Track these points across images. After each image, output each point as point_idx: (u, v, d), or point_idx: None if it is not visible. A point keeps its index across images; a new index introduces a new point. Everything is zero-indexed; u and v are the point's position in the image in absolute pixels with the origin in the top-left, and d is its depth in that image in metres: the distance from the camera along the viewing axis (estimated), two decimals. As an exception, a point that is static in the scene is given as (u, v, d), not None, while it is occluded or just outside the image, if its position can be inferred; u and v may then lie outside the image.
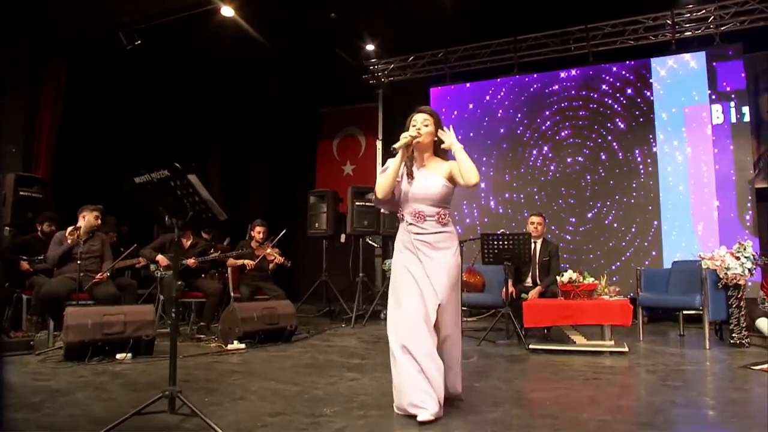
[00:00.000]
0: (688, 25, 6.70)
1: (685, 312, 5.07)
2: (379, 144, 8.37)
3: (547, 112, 7.16)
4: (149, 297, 7.01)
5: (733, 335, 4.42)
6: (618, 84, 6.80)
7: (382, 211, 7.01)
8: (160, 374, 3.49)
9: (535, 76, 7.26)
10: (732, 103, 6.33)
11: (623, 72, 6.81)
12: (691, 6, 6.55)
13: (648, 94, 6.67)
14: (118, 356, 4.00)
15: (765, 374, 3.44)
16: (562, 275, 4.58)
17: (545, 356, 4.22)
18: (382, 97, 8.49)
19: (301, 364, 3.94)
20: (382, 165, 8.89)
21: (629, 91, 6.74)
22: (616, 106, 6.78)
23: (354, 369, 3.74)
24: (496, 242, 4.98)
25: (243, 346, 4.64)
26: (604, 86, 6.85)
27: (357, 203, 7.11)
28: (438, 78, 7.97)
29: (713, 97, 6.36)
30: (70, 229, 4.99)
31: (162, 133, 8.35)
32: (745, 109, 6.33)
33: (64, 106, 7.10)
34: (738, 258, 4.32)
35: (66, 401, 2.78)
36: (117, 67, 7.26)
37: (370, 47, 8.02)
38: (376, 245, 7.80)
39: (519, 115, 7.33)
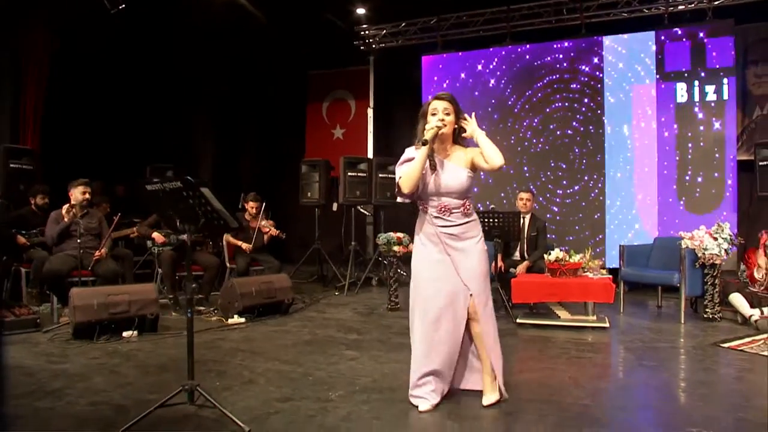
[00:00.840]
0: (681, -1, 6.70)
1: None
2: (370, 112, 8.36)
3: (539, 84, 7.20)
4: (144, 264, 7.15)
5: (707, 310, 4.71)
6: (610, 57, 6.84)
7: (374, 182, 7.14)
8: (170, 355, 3.68)
9: (527, 46, 7.25)
10: (724, 80, 6.41)
11: (615, 45, 6.83)
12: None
13: (638, 68, 6.73)
14: (124, 334, 4.17)
15: (732, 352, 3.73)
16: (550, 254, 4.79)
17: (532, 330, 4.48)
18: (373, 63, 8.41)
19: (302, 341, 4.14)
20: (374, 133, 8.78)
21: (620, 65, 6.79)
22: (606, 79, 6.84)
23: (352, 346, 3.96)
24: (487, 219, 5.15)
25: (243, 320, 4.83)
26: (595, 59, 6.88)
27: (349, 173, 7.21)
28: (430, 46, 7.91)
29: (702, 74, 6.44)
30: (66, 207, 5.05)
31: (149, 99, 8.26)
32: (733, 84, 6.43)
33: (50, 75, 6.98)
34: (716, 239, 4.55)
35: (85, 387, 2.95)
36: (102, 33, 7.10)
37: (361, 11, 7.89)
38: (367, 213, 7.95)
39: (510, 86, 7.36)
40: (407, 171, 2.63)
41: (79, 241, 4.79)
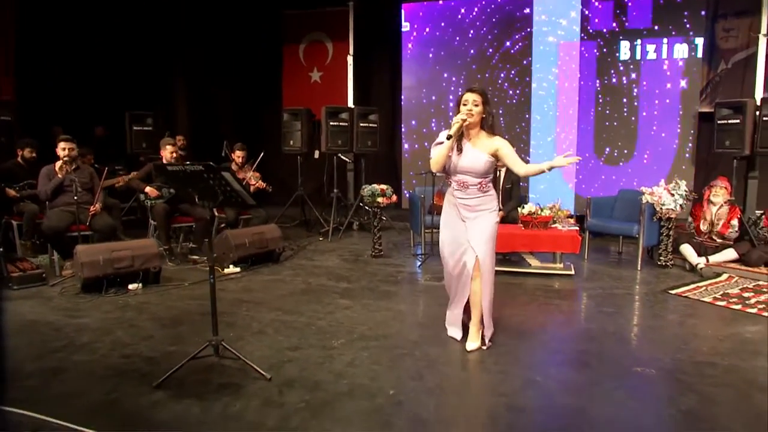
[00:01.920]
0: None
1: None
2: (350, 59, 8.36)
3: (517, 36, 7.34)
4: (130, 210, 7.34)
5: (661, 258, 5.25)
6: (586, 12, 6.99)
7: (355, 130, 7.32)
8: (179, 307, 4.00)
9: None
10: (693, 38, 6.68)
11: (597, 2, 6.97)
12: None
13: (614, 25, 6.93)
14: (130, 287, 4.46)
15: (678, 299, 4.27)
16: (524, 207, 5.20)
17: (505, 277, 4.94)
18: (353, 9, 8.32)
19: (298, 290, 4.51)
20: (353, 77, 8.71)
21: (596, 20, 6.97)
22: (582, 34, 7.03)
23: (345, 295, 4.35)
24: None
25: (238, 269, 5.17)
26: (573, 13, 7.03)
27: (331, 123, 7.36)
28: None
29: (674, 32, 6.69)
30: (59, 164, 5.15)
31: (123, 44, 8.08)
32: (699, 41, 6.71)
33: (22, 23, 6.76)
34: (673, 195, 5.01)
35: (112, 341, 3.27)
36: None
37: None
38: (348, 161, 8.16)
39: (489, 37, 7.49)
40: (435, 155, 3.13)
41: (75, 197, 4.94)
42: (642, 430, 2.37)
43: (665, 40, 6.76)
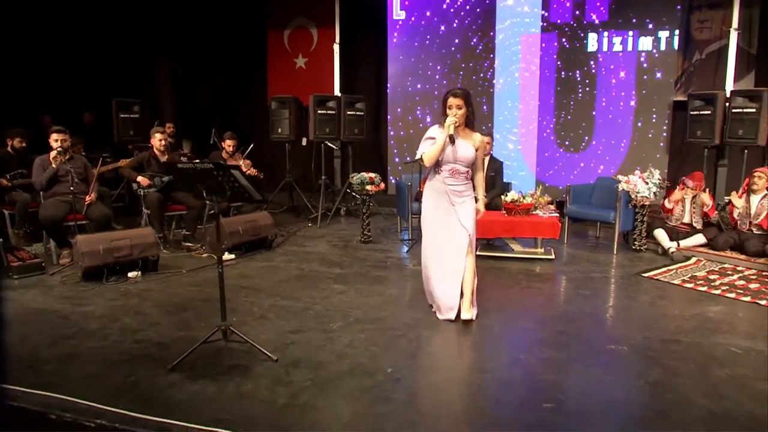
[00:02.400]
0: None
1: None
2: (336, 48, 8.44)
3: (500, 26, 7.52)
4: (118, 197, 7.42)
5: (635, 243, 5.57)
6: (567, 4, 7.20)
7: (342, 117, 7.46)
8: (180, 294, 4.18)
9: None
10: (666, 33, 6.95)
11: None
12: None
13: (593, 17, 7.15)
14: (129, 274, 4.61)
15: (650, 281, 4.59)
16: (506, 195, 5.45)
17: (490, 261, 5.21)
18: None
19: (292, 276, 4.71)
20: (339, 65, 8.67)
21: (577, 12, 7.18)
22: (565, 27, 7.24)
23: (338, 280, 4.57)
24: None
25: (233, 256, 5.34)
26: (554, 5, 7.24)
27: (319, 111, 7.50)
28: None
29: (650, 26, 6.94)
30: (53, 154, 5.22)
31: (107, 30, 8.05)
32: (677, 34, 6.98)
33: (3, 8, 6.70)
34: (647, 183, 5.31)
35: (121, 328, 3.45)
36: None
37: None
38: (335, 148, 8.31)
39: (474, 27, 7.66)
40: (429, 151, 3.54)
41: (72, 188, 5.03)
42: (614, 401, 2.66)
43: (641, 33, 7.01)
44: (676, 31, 6.97)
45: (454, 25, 7.73)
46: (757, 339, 3.32)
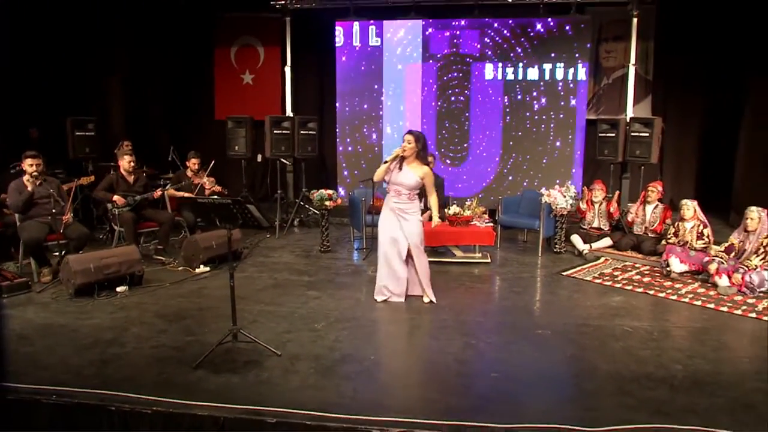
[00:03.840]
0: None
1: (527, 226, 7.24)
2: (287, 70, 8.99)
3: (439, 55, 8.47)
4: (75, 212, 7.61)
5: (556, 246, 6.65)
6: (498, 39, 8.24)
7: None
8: (174, 305, 4.70)
9: (430, 21, 8.39)
10: (579, 64, 8.16)
11: (503, 29, 8.22)
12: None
13: (519, 50, 8.23)
14: (118, 289, 5.06)
15: (568, 279, 5.62)
16: (449, 208, 6.35)
17: (437, 266, 6.04)
18: (289, 24, 8.88)
19: (269, 285, 5.33)
20: (291, 84, 9.01)
21: (506, 46, 8.24)
22: (495, 58, 8.28)
23: (311, 287, 5.24)
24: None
25: (208, 269, 5.87)
26: (486, 39, 8.26)
27: (275, 131, 8.10)
28: (343, 11, 8.65)
29: (577, 56, 8.10)
30: (26, 177, 5.49)
31: (55, 45, 8.16)
32: (583, 67, 8.20)
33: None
34: (565, 196, 6.38)
35: (134, 336, 3.97)
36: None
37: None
38: (288, 164, 8.89)
39: (414, 55, 8.55)
40: (379, 171, 4.63)
41: (54, 210, 5.39)
42: (542, 371, 3.56)
43: (560, 65, 8.18)
44: (587, 64, 8.18)
45: (397, 52, 8.57)
46: (644, 320, 4.39)
